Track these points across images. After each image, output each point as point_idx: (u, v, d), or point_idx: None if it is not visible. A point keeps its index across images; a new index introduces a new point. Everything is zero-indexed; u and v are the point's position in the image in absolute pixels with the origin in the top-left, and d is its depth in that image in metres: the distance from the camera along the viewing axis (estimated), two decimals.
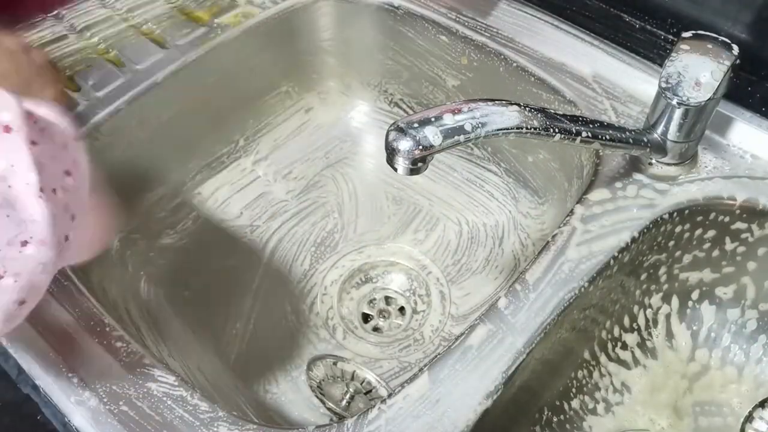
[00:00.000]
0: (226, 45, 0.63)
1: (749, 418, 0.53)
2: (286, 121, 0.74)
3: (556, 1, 0.62)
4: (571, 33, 0.61)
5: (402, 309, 0.66)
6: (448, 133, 0.36)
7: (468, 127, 0.37)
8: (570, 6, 0.61)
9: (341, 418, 0.47)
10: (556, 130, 0.41)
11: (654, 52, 0.58)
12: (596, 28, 0.60)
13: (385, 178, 0.72)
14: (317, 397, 0.58)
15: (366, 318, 0.65)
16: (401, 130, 0.35)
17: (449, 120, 0.36)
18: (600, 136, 0.44)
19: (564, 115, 0.42)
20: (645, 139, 0.48)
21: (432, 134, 0.36)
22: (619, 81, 0.58)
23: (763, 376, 0.55)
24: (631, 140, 0.47)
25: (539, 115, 0.40)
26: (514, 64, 0.60)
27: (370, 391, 0.58)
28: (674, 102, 0.47)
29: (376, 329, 0.64)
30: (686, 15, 0.54)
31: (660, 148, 0.50)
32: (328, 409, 0.57)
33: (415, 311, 0.65)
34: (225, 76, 0.65)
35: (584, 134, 0.43)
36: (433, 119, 0.36)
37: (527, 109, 0.40)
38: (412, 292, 0.66)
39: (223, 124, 0.68)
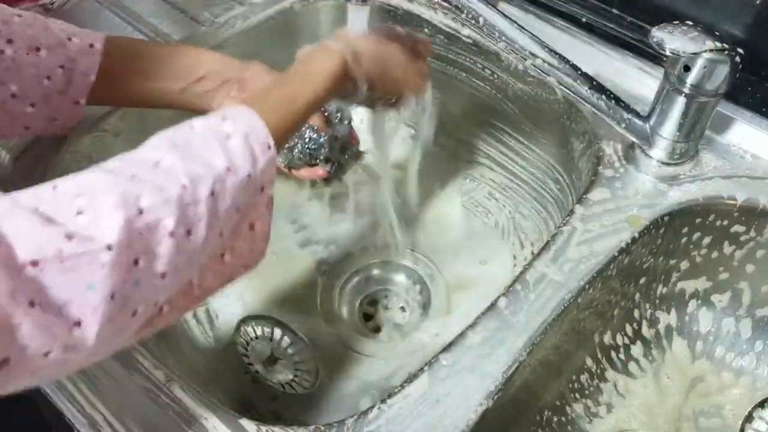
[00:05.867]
0: (226, 45, 0.63)
1: (749, 418, 0.53)
2: None
3: (556, 1, 0.62)
4: (571, 33, 0.61)
5: (402, 309, 0.66)
6: None
7: None
8: (570, 6, 0.61)
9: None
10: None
11: (654, 52, 0.58)
12: (596, 28, 0.60)
13: (386, 179, 0.72)
14: (243, 353, 0.59)
15: (366, 318, 0.65)
16: None
17: None
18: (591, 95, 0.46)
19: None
20: (641, 123, 0.49)
21: None
22: (619, 81, 0.57)
23: (760, 382, 0.55)
24: (625, 120, 0.48)
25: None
26: (514, 64, 0.60)
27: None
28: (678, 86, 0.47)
29: (376, 329, 0.64)
30: (686, 15, 0.54)
31: (647, 139, 0.50)
32: (249, 363, 0.58)
33: (415, 311, 0.65)
34: None
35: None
36: None
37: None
38: (412, 292, 0.66)
39: None
